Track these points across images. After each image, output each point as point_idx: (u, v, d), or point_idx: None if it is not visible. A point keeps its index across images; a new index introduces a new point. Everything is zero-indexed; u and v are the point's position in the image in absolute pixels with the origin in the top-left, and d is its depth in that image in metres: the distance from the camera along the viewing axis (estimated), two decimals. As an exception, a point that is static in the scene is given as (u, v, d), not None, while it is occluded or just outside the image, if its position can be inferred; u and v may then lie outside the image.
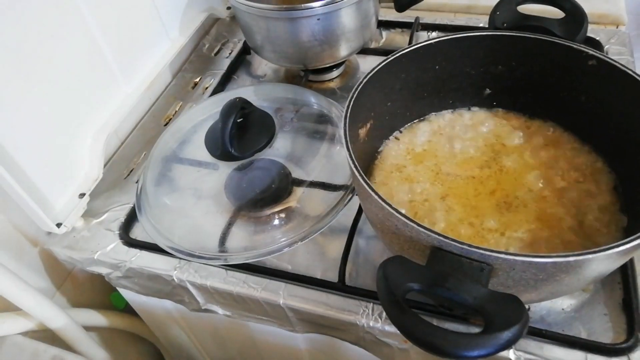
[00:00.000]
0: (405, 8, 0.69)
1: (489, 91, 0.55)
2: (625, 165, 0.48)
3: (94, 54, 0.60)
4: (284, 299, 0.50)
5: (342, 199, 0.54)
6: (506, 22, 0.52)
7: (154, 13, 0.70)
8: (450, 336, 0.31)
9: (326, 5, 0.59)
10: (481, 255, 0.34)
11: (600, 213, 0.46)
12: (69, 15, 0.56)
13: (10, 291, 0.52)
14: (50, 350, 0.54)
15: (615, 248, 0.33)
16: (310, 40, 0.63)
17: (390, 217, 0.37)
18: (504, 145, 0.53)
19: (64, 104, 0.57)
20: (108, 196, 0.62)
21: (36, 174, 0.53)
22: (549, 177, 0.49)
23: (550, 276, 0.34)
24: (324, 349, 0.60)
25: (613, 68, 0.46)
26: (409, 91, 0.53)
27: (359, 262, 0.52)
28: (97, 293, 0.70)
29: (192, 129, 0.63)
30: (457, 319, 0.46)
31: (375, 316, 0.47)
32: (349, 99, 0.45)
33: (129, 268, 0.55)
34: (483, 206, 0.48)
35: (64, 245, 0.57)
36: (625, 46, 0.69)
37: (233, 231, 0.53)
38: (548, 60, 0.50)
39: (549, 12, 0.51)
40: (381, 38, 0.79)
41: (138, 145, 0.68)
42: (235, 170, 0.57)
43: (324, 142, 0.59)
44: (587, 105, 0.50)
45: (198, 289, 0.53)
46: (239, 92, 0.64)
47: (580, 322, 0.45)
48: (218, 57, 0.80)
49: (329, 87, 0.73)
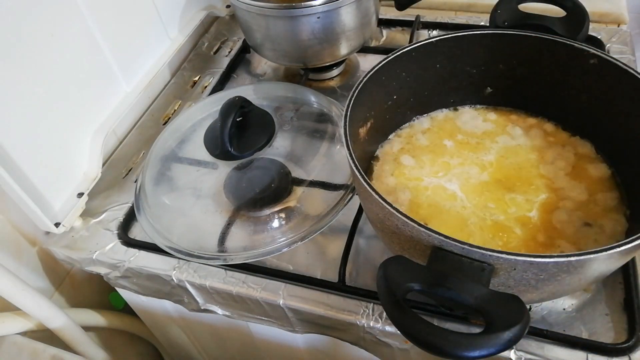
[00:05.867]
0: (406, 6, 0.68)
1: (490, 90, 0.55)
2: (626, 164, 0.48)
3: (93, 53, 0.60)
4: (283, 299, 0.50)
5: (342, 198, 0.53)
6: (507, 21, 0.52)
7: (153, 12, 0.69)
8: (451, 336, 0.31)
9: (326, 3, 0.59)
10: (482, 255, 0.33)
11: (601, 212, 0.46)
12: (68, 14, 0.56)
13: (9, 291, 0.52)
14: (49, 350, 0.54)
15: (616, 248, 0.33)
16: (310, 38, 0.63)
17: (390, 216, 0.37)
18: (504, 144, 0.53)
19: (63, 103, 0.56)
20: (107, 196, 0.61)
21: (34, 173, 0.53)
22: (549, 176, 0.49)
23: (551, 276, 0.34)
24: (324, 349, 0.60)
25: (614, 67, 0.45)
26: (410, 90, 0.53)
27: (359, 262, 0.52)
28: (95, 293, 0.70)
29: (191, 128, 0.63)
30: (458, 319, 0.46)
31: (375, 316, 0.47)
32: (349, 97, 0.45)
33: (127, 268, 0.54)
34: (483, 204, 0.47)
35: (63, 245, 0.57)
36: (627, 45, 0.69)
37: (232, 231, 0.53)
38: (549, 59, 0.50)
39: (550, 10, 0.51)
40: (381, 36, 0.79)
41: (137, 145, 0.68)
42: (234, 170, 0.57)
43: (324, 141, 0.59)
44: (588, 104, 0.50)
45: (197, 289, 0.53)
46: (238, 91, 0.64)
47: (581, 322, 0.45)
48: (217, 56, 0.80)
49: (329, 85, 0.73)
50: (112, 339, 0.73)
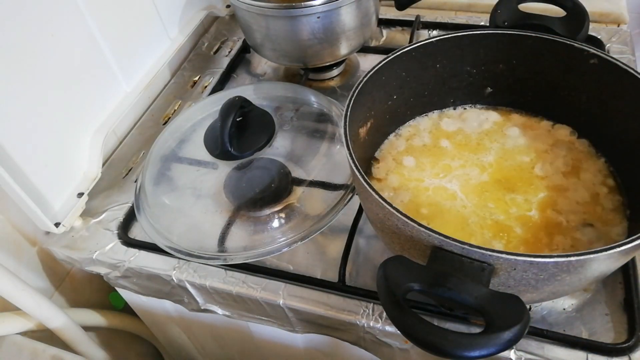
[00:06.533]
0: (406, 6, 0.68)
1: (490, 90, 0.55)
2: (626, 163, 0.48)
3: (93, 53, 0.60)
4: (283, 299, 0.50)
5: (342, 198, 0.53)
6: (507, 21, 0.52)
7: (153, 11, 0.69)
8: (451, 336, 0.31)
9: (326, 3, 0.59)
10: (482, 255, 0.33)
11: (601, 212, 0.46)
12: (68, 14, 0.55)
13: (8, 291, 0.52)
14: (49, 350, 0.54)
15: (616, 248, 0.33)
16: (310, 38, 0.63)
17: (390, 216, 0.37)
18: (504, 144, 0.52)
19: (63, 103, 0.56)
20: (106, 195, 0.61)
21: (34, 173, 0.53)
22: (549, 176, 0.49)
23: (551, 276, 0.34)
24: (324, 349, 0.60)
25: (614, 67, 0.45)
26: (410, 90, 0.53)
27: (359, 262, 0.52)
28: (95, 293, 0.70)
29: (191, 128, 0.63)
30: (458, 319, 0.46)
31: (375, 316, 0.47)
32: (349, 97, 0.45)
33: (127, 268, 0.54)
34: (483, 204, 0.47)
35: (63, 245, 0.57)
36: (627, 45, 0.69)
37: (232, 231, 0.53)
38: (549, 59, 0.50)
39: (550, 10, 0.51)
40: (381, 36, 0.79)
41: (137, 145, 0.68)
42: (234, 170, 0.57)
43: (324, 141, 0.59)
44: (588, 103, 0.50)
45: (197, 289, 0.53)
46: (238, 91, 0.64)
47: (581, 322, 0.45)
48: (217, 56, 0.80)
49: (329, 85, 0.73)
50: (112, 339, 0.73)
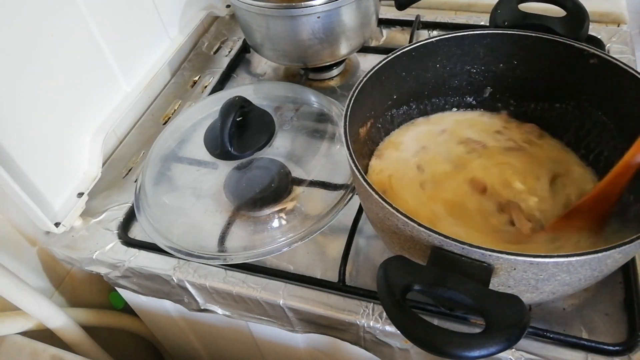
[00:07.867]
0: (406, 6, 0.68)
1: (490, 90, 0.55)
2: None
3: (93, 53, 0.60)
4: (283, 299, 0.50)
5: (342, 198, 0.53)
6: (507, 21, 0.52)
7: (153, 11, 0.69)
8: (451, 336, 0.31)
9: (326, 3, 0.59)
10: (482, 255, 0.33)
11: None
12: (68, 14, 0.55)
13: (9, 291, 0.52)
14: (49, 349, 0.54)
15: (616, 248, 0.33)
16: (310, 38, 0.63)
17: (390, 216, 0.37)
18: (504, 144, 0.52)
19: (63, 103, 0.56)
20: (106, 195, 0.61)
21: (34, 173, 0.53)
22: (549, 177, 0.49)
23: (551, 276, 0.34)
24: (324, 349, 0.60)
25: (614, 67, 0.45)
26: (410, 90, 0.53)
27: (359, 262, 0.52)
28: (95, 293, 0.70)
29: (191, 127, 0.63)
30: (458, 319, 0.46)
31: (375, 316, 0.47)
32: (349, 97, 0.45)
33: (127, 268, 0.54)
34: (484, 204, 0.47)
35: (63, 245, 0.57)
36: (627, 45, 0.69)
37: (232, 231, 0.53)
38: (549, 58, 0.50)
39: (550, 10, 0.51)
40: (381, 36, 0.78)
41: (137, 144, 0.68)
42: (234, 170, 0.57)
43: (324, 141, 0.59)
44: (588, 104, 0.50)
45: (197, 288, 0.53)
46: (238, 91, 0.64)
47: (581, 322, 0.45)
48: (217, 56, 0.80)
49: (329, 85, 0.73)
50: (112, 339, 0.73)
